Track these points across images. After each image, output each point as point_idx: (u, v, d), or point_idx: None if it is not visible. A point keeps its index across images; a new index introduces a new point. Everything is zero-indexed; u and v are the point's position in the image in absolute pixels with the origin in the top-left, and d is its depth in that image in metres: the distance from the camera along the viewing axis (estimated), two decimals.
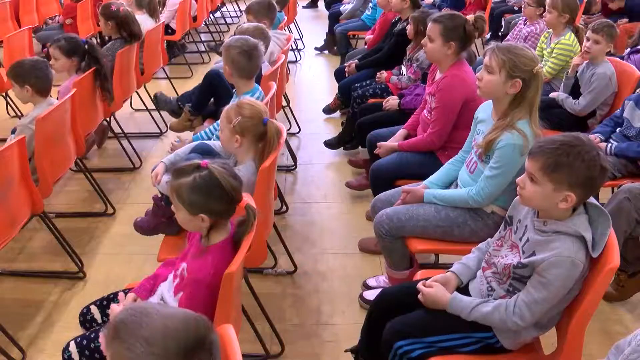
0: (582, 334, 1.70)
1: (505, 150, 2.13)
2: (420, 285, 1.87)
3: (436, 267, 2.50)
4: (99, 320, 1.96)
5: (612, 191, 2.79)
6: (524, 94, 2.12)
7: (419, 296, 1.87)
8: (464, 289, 1.92)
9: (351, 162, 4.10)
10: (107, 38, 4.73)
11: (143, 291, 1.91)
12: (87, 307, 1.99)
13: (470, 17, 2.77)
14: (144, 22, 4.77)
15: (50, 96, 3.13)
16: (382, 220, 2.40)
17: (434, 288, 1.86)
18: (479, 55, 4.71)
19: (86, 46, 3.51)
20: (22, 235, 3.28)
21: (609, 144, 2.95)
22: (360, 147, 3.64)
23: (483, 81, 2.18)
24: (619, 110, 3.11)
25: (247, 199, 1.86)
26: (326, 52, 7.12)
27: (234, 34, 3.32)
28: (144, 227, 2.52)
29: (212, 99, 3.71)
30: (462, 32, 2.73)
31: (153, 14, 5.06)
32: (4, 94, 4.75)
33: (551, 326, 1.80)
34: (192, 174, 1.73)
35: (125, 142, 4.23)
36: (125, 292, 1.97)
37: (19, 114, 4.91)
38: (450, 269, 1.97)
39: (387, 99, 3.66)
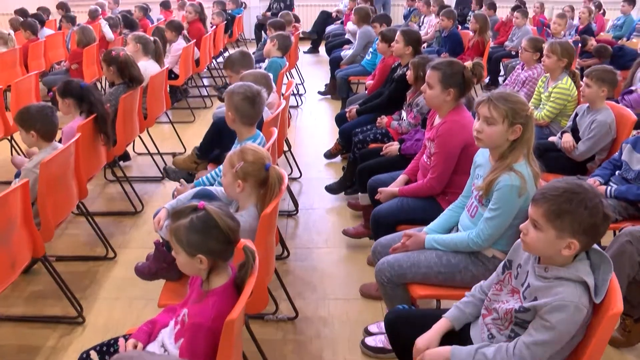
0: None
1: (503, 192, 2.14)
2: (418, 354, 1.87)
3: None
4: None
5: (614, 234, 2.79)
6: (522, 136, 2.16)
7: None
8: (465, 337, 1.91)
9: (350, 205, 4.10)
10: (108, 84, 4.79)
11: (142, 334, 1.90)
12: (87, 352, 1.97)
13: (468, 63, 2.82)
14: (150, 67, 4.86)
15: (55, 140, 3.16)
16: (383, 267, 2.39)
17: (431, 349, 1.85)
18: None
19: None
20: (22, 279, 3.26)
21: (609, 187, 2.97)
22: (360, 192, 3.63)
23: (485, 133, 2.18)
24: (617, 153, 3.14)
25: (248, 244, 1.86)
26: (329, 96, 7.22)
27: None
28: (145, 272, 2.51)
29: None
30: (460, 79, 2.77)
31: (158, 59, 5.16)
32: (9, 137, 4.80)
33: None
34: (190, 215, 1.76)
35: (127, 186, 4.26)
36: (125, 337, 1.95)
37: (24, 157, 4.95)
38: (444, 315, 1.98)
39: (386, 145, 3.69)
